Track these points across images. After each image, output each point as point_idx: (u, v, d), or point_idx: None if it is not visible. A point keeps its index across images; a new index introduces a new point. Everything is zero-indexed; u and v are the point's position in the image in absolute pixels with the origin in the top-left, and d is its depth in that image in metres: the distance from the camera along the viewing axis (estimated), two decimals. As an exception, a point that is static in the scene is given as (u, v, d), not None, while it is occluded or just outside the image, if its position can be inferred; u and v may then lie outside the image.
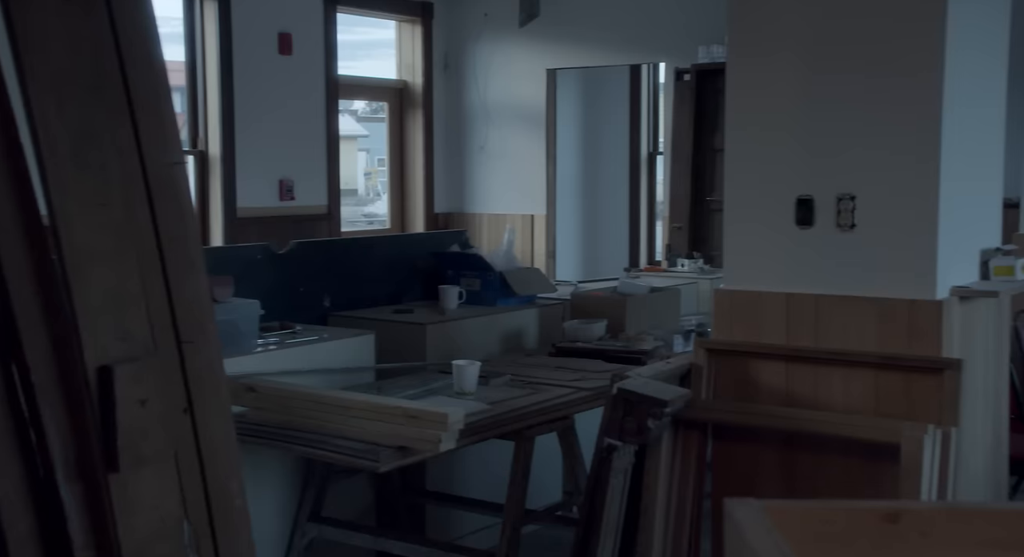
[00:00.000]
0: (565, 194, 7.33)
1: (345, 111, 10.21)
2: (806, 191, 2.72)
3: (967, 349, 2.65)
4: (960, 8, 2.55)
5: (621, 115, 7.77)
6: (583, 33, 6.57)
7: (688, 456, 2.76)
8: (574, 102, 7.55)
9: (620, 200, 7.87)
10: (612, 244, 7.83)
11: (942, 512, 1.11)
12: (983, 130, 2.80)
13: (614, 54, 6.66)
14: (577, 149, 7.65)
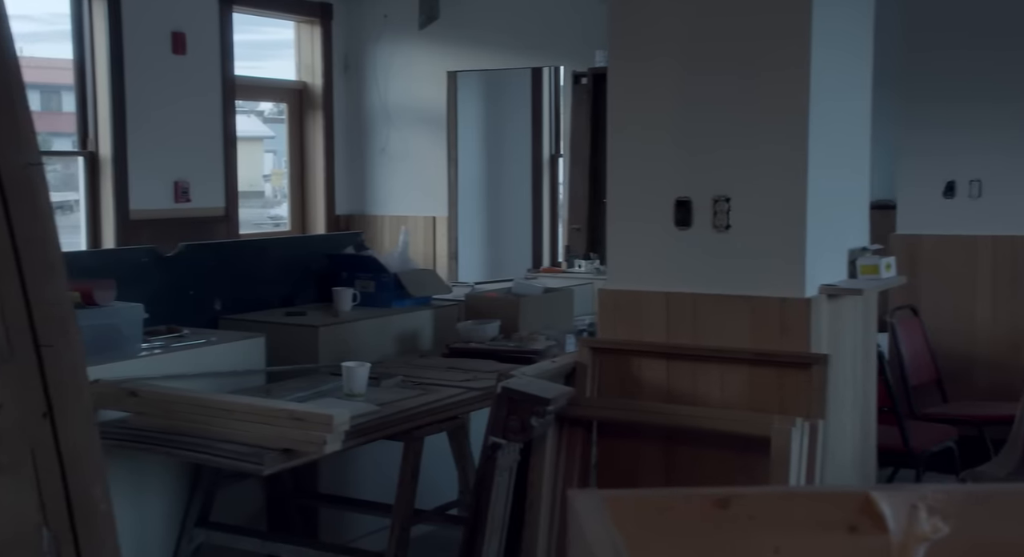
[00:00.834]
0: (468, 196, 7.36)
1: (251, 112, 10.07)
2: (685, 193, 2.81)
3: (836, 344, 2.77)
4: (825, 10, 2.66)
5: (523, 117, 7.84)
6: (483, 36, 6.62)
7: (572, 453, 2.82)
8: (476, 104, 7.59)
9: (523, 202, 7.93)
10: (515, 245, 7.89)
11: (770, 496, 1.18)
12: (850, 134, 2.93)
13: (514, 57, 6.72)
14: (480, 151, 7.69)
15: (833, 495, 1.18)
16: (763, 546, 1.17)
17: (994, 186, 4.58)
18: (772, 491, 1.16)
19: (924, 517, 1.16)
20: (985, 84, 4.54)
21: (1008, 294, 4.53)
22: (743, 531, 1.17)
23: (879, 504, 1.17)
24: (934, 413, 4.26)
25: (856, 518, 1.17)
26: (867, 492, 1.17)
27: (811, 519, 1.17)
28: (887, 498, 1.17)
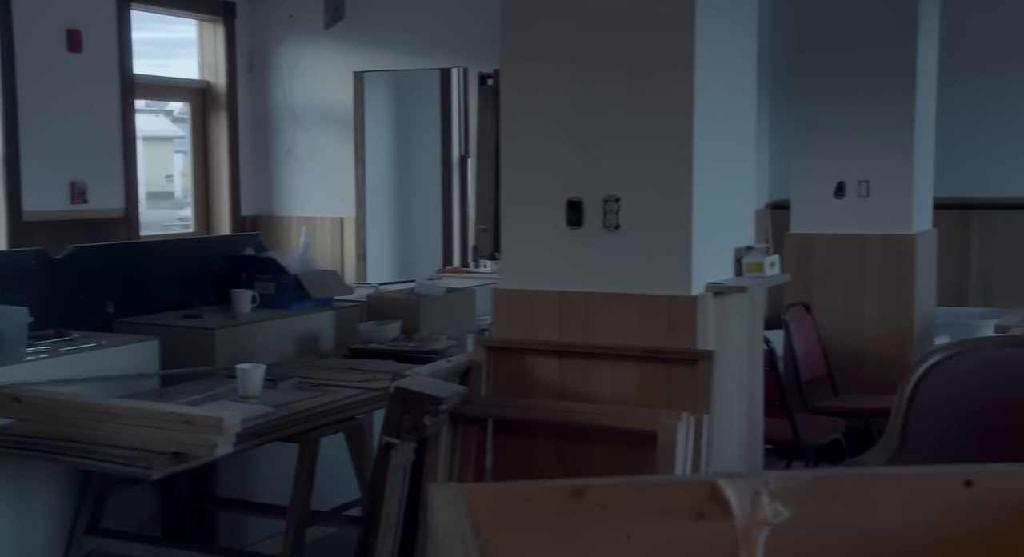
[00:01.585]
0: (377, 197, 7.34)
1: (160, 111, 9.85)
2: (576, 192, 2.85)
3: (722, 340, 2.85)
4: (709, 12, 2.72)
5: (432, 118, 7.84)
6: (389, 36, 6.61)
7: (467, 451, 2.85)
8: (384, 105, 7.57)
9: (433, 202, 7.94)
10: (426, 246, 7.90)
11: (622, 486, 1.22)
12: (735, 134, 3.01)
13: (421, 58, 6.73)
14: (388, 152, 7.67)
15: (682, 484, 1.23)
16: (616, 534, 1.22)
17: (881, 186, 4.75)
18: (624, 481, 1.20)
19: (766, 502, 1.22)
20: (871, 85, 4.70)
21: (894, 292, 4.71)
22: (597, 520, 1.21)
23: (725, 491, 1.22)
24: (825, 406, 4.40)
25: (704, 505, 1.22)
26: (714, 480, 1.23)
27: (661, 507, 1.22)
28: (732, 485, 1.22)
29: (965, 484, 1.20)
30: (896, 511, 1.21)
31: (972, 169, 6.25)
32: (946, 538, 1.21)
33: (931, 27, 4.88)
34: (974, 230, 6.36)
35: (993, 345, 3.11)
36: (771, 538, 1.21)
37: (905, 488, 1.22)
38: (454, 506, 1.11)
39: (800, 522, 1.22)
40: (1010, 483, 1.21)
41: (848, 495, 1.23)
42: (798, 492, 1.22)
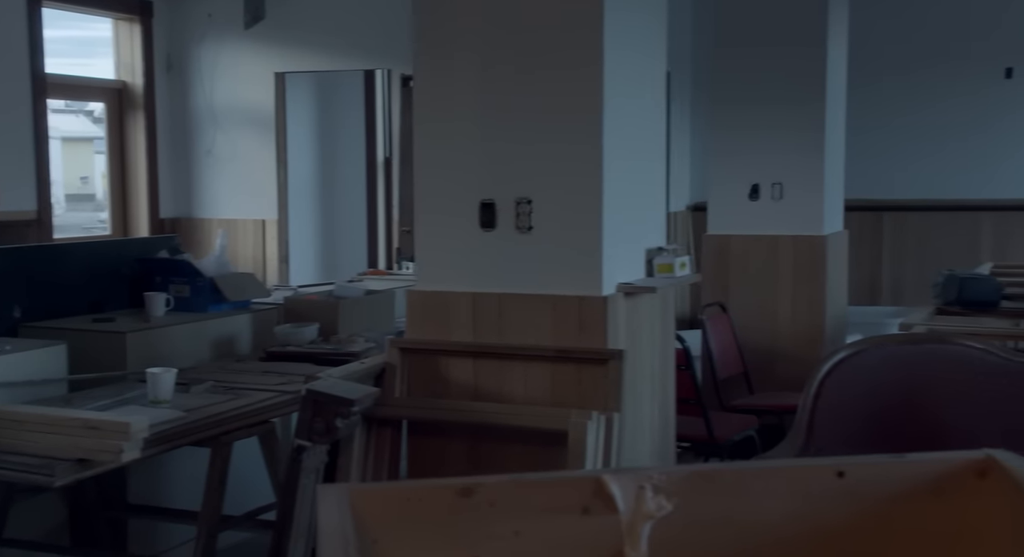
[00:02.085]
0: (301, 198, 7.27)
1: (80, 111, 9.62)
2: (489, 194, 2.87)
3: (634, 340, 2.90)
4: (617, 13, 2.76)
5: (357, 120, 7.80)
6: (311, 37, 6.56)
7: (381, 453, 2.85)
8: (308, 106, 7.51)
9: (358, 204, 7.90)
10: (351, 248, 7.85)
11: (510, 483, 1.24)
12: (645, 135, 3.06)
13: (344, 59, 6.69)
14: (312, 153, 7.61)
15: (568, 480, 1.25)
16: (504, 531, 1.24)
17: (794, 188, 4.86)
18: (511, 479, 1.22)
19: (650, 497, 1.25)
20: (784, 88, 4.81)
21: (807, 291, 4.83)
22: (485, 517, 1.23)
23: (610, 486, 1.25)
24: (740, 404, 4.49)
25: (589, 500, 1.25)
26: (599, 476, 1.25)
27: (549, 503, 1.24)
28: (617, 481, 1.25)
29: (838, 475, 1.25)
30: (773, 502, 1.26)
31: (882, 171, 6.44)
32: (821, 527, 1.25)
33: (840, 31, 5.01)
34: (885, 231, 6.55)
35: (895, 342, 3.21)
36: (655, 531, 1.24)
37: (781, 480, 1.27)
38: (339, 506, 1.12)
39: (683, 515, 1.25)
40: (879, 474, 1.26)
41: (728, 488, 1.27)
42: (680, 486, 1.25)
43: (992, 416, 2.78)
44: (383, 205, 7.84)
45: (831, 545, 1.25)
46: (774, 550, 1.25)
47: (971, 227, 6.32)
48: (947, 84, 6.33)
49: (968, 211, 6.28)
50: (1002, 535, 1.20)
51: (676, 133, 7.04)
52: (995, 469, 1.23)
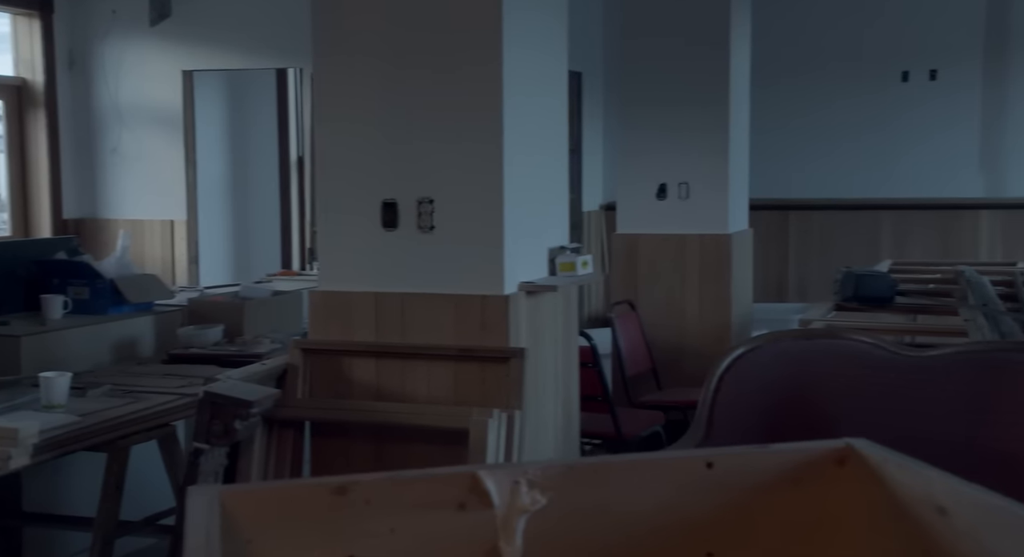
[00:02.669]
0: (212, 198, 7.15)
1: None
2: (391, 194, 2.87)
3: (536, 338, 2.93)
4: (516, 12, 2.78)
5: (270, 119, 7.70)
6: (220, 35, 6.46)
7: (283, 455, 2.83)
8: (218, 105, 7.39)
9: (271, 204, 7.80)
10: (265, 248, 7.75)
11: (385, 480, 1.25)
12: (547, 134, 3.09)
13: (255, 57, 6.61)
14: (223, 153, 7.49)
15: (444, 477, 1.26)
16: (380, 528, 1.24)
17: (700, 188, 4.95)
18: (387, 476, 1.23)
19: (525, 491, 1.27)
20: (689, 89, 4.90)
21: (713, 289, 4.93)
22: (360, 515, 1.23)
23: (485, 482, 1.26)
24: (648, 400, 4.56)
25: (465, 496, 1.26)
26: (474, 472, 1.27)
27: (424, 499, 1.25)
28: (492, 476, 1.27)
29: (707, 466, 1.28)
30: (645, 493, 1.29)
31: (787, 171, 6.61)
32: (691, 516, 1.29)
33: (743, 33, 5.12)
34: (791, 230, 6.72)
35: (791, 338, 3.29)
36: (530, 525, 1.26)
37: (653, 472, 1.30)
38: (208, 508, 1.11)
39: (558, 508, 1.27)
40: (746, 463, 1.30)
41: (601, 481, 1.29)
42: (555, 480, 1.27)
43: (880, 409, 2.87)
44: (296, 205, 7.76)
45: (700, 532, 1.28)
46: (645, 539, 1.28)
47: (872, 225, 6.52)
48: (847, 86, 6.51)
49: (869, 210, 6.48)
50: (859, 519, 1.25)
51: (589, 133, 7.13)
52: (853, 457, 1.28)
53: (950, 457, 2.38)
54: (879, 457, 1.25)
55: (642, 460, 1.35)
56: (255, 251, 7.76)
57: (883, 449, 1.26)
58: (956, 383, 2.78)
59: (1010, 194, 6.23)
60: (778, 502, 1.29)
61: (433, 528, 1.25)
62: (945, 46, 6.30)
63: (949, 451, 2.37)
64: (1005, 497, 1.07)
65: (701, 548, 1.29)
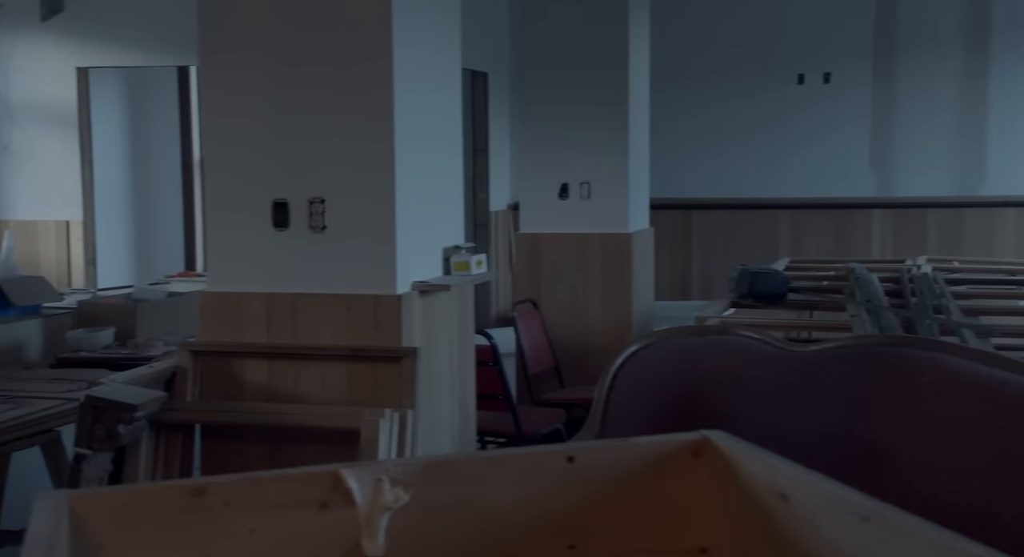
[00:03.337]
0: (110, 199, 6.98)
1: None
2: (281, 193, 2.85)
3: (430, 337, 2.93)
4: (406, 11, 2.78)
5: (171, 117, 7.56)
6: (117, 32, 6.30)
7: (171, 459, 2.78)
8: (116, 103, 7.22)
9: (174, 204, 7.66)
10: (168, 249, 7.61)
11: (244, 481, 1.24)
12: (441, 134, 3.09)
13: (155, 55, 6.46)
14: (123, 152, 7.32)
15: (305, 476, 1.25)
16: (239, 529, 1.23)
17: (601, 187, 5.02)
18: (245, 477, 1.22)
19: (387, 488, 1.27)
20: (590, 89, 4.96)
21: (615, 288, 4.99)
22: (219, 517, 1.22)
23: (347, 480, 1.26)
24: (550, 398, 4.60)
25: (327, 495, 1.26)
26: (336, 470, 1.27)
27: (284, 500, 1.25)
28: (354, 474, 1.27)
29: (568, 460, 1.30)
30: (509, 488, 1.30)
31: (690, 171, 6.73)
32: (553, 510, 1.31)
33: (642, 34, 5.19)
34: (694, 229, 6.85)
35: (683, 335, 3.34)
36: (393, 522, 1.27)
37: (517, 467, 1.31)
38: (55, 514, 1.09)
39: (421, 505, 1.28)
40: (606, 457, 1.32)
41: (465, 476, 1.30)
42: (418, 477, 1.28)
43: (765, 403, 2.95)
44: (200, 205, 7.63)
45: (562, 525, 1.30)
46: (508, 534, 1.30)
47: (771, 224, 6.68)
48: (747, 88, 6.67)
49: (768, 209, 6.64)
50: (713, 508, 1.29)
51: (496, 133, 7.16)
52: (709, 449, 1.31)
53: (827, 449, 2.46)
54: (731, 448, 1.28)
55: (504, 456, 1.37)
56: (157, 252, 7.60)
57: (736, 440, 1.30)
58: (835, 377, 2.87)
59: (899, 193, 6.46)
60: (638, 493, 1.32)
61: (294, 528, 1.24)
62: (838, 49, 6.50)
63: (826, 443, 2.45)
64: (842, 484, 1.11)
65: (563, 541, 1.31)
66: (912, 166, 6.41)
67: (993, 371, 2.22)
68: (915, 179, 6.40)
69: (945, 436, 2.17)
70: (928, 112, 6.35)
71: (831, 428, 2.88)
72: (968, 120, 6.32)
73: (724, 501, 1.27)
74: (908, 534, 0.99)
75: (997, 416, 2.08)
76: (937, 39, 6.30)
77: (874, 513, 1.03)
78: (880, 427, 2.72)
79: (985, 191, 6.27)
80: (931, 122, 6.36)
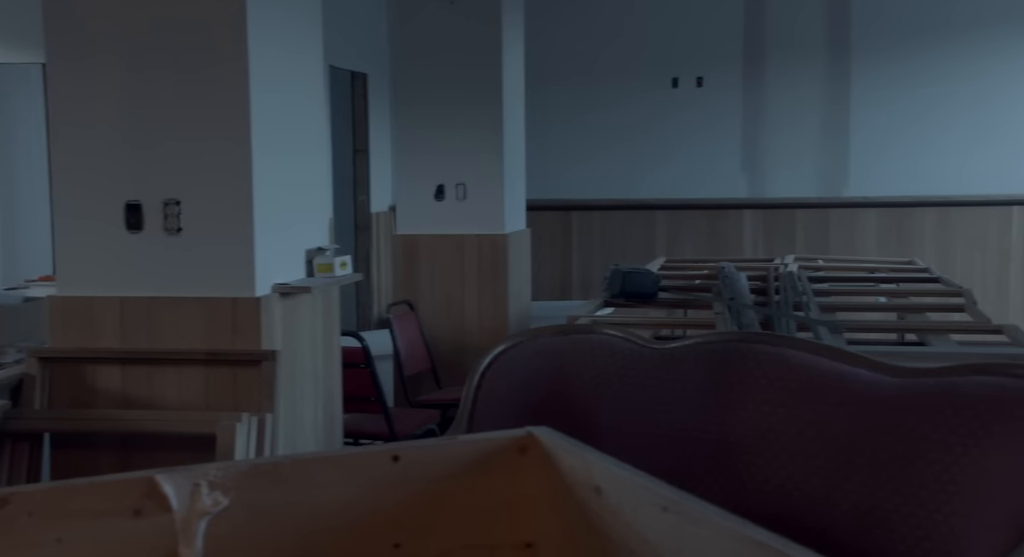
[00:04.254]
0: (-30, 200, 6.67)
1: None
2: (134, 195, 2.77)
3: (293, 340, 2.89)
4: (262, 9, 2.74)
5: (38, 116, 7.27)
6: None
7: (17, 469, 2.68)
8: (-23, 100, 6.90)
9: (42, 207, 7.36)
10: (35, 252, 7.31)
11: (50, 491, 1.20)
12: (303, 136, 3.06)
13: (17, 51, 6.21)
14: (-16, 151, 7.00)
15: (117, 483, 1.22)
16: (45, 539, 1.19)
17: (477, 188, 5.03)
18: (53, 485, 1.18)
19: (206, 493, 1.25)
20: (464, 90, 4.97)
21: (491, 289, 5.02)
22: (24, 528, 1.18)
23: (162, 486, 1.24)
24: (426, 399, 4.60)
25: (141, 502, 1.23)
26: (151, 476, 1.24)
27: (94, 508, 1.21)
28: (170, 480, 1.24)
29: (393, 460, 1.30)
30: (333, 489, 1.29)
31: (570, 172, 6.82)
32: (379, 509, 1.31)
33: (515, 36, 5.22)
34: (574, 229, 6.94)
35: (549, 334, 3.39)
36: (211, 527, 1.25)
37: (339, 468, 1.31)
38: None
39: (242, 509, 1.26)
40: (431, 456, 1.33)
41: (288, 479, 1.29)
42: (238, 480, 1.26)
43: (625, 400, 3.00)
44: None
45: (387, 525, 1.30)
46: (333, 535, 1.29)
47: (648, 224, 6.81)
48: (623, 91, 6.78)
49: (645, 209, 6.77)
50: (536, 503, 1.31)
51: (377, 134, 7.11)
52: (534, 445, 1.33)
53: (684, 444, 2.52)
54: (552, 443, 1.30)
55: (329, 456, 1.36)
56: (23, 255, 7.30)
57: (558, 436, 1.32)
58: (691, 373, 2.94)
59: (769, 194, 6.66)
60: (464, 491, 1.32)
61: (105, 536, 1.21)
62: (710, 54, 6.67)
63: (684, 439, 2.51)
64: (649, 476, 1.14)
65: (389, 540, 1.31)
66: (781, 167, 6.63)
67: (838, 365, 2.31)
68: (784, 180, 6.62)
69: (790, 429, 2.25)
70: (795, 114, 6.57)
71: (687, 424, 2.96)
72: (832, 122, 6.57)
73: (547, 496, 1.29)
74: (702, 522, 1.02)
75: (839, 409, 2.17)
76: (803, 43, 6.53)
77: (672, 503, 1.05)
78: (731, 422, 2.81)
79: (848, 192, 6.53)
80: (798, 124, 6.59)
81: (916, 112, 6.41)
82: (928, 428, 2.01)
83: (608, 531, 1.17)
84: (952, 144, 6.39)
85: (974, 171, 6.37)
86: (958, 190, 6.38)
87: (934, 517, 1.92)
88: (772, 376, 2.42)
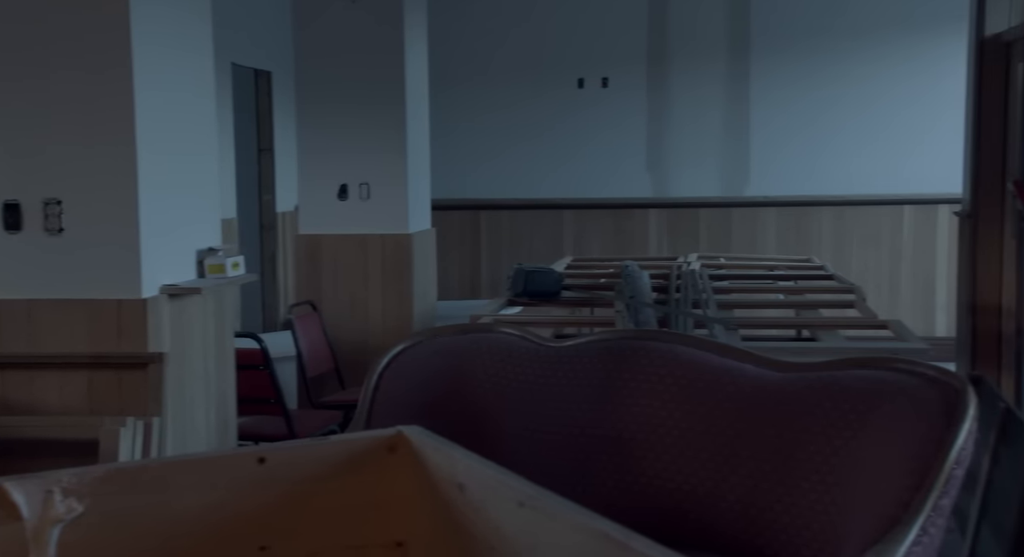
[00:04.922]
0: None
1: None
2: (13, 195, 2.68)
3: (183, 342, 2.83)
4: (147, 8, 2.68)
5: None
6: None
7: None
8: None
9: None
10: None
11: None
12: (194, 136, 3.00)
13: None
14: None
15: (-37, 490, 1.18)
16: None
17: (380, 188, 5.00)
18: None
19: (59, 500, 1.21)
20: (367, 90, 4.93)
21: (396, 288, 4.98)
22: None
23: (12, 494, 1.19)
24: (329, 400, 4.54)
25: (-12, 510, 1.19)
26: (0, 485, 1.19)
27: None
28: (21, 487, 1.20)
29: (259, 462, 1.28)
30: (195, 493, 1.26)
31: (478, 172, 6.82)
32: (244, 512, 1.28)
33: (418, 35, 5.20)
34: (483, 229, 6.94)
35: (448, 333, 3.38)
36: (65, 534, 1.21)
37: (204, 471, 1.28)
38: None
39: (98, 515, 1.22)
40: (298, 457, 1.31)
41: (148, 483, 1.26)
42: (94, 487, 1.22)
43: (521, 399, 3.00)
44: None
45: (253, 527, 1.28)
46: (196, 538, 1.26)
47: (556, 223, 6.86)
48: (530, 90, 6.81)
49: (553, 209, 6.81)
50: (404, 501, 1.30)
51: (281, 133, 7.00)
52: (403, 444, 1.32)
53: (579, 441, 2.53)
54: (420, 442, 1.30)
55: (192, 459, 1.33)
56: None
57: (426, 434, 1.31)
58: (585, 371, 2.95)
59: (673, 194, 6.76)
60: (333, 491, 1.31)
61: (-51, 547, 1.16)
62: (615, 54, 6.74)
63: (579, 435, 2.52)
64: (514, 474, 1.14)
65: (255, 542, 1.29)
66: (684, 167, 6.73)
67: (726, 361, 2.34)
68: (687, 180, 6.73)
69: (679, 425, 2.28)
70: (697, 114, 6.69)
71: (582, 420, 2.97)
72: (733, 122, 6.70)
73: (416, 494, 1.28)
74: (555, 516, 1.02)
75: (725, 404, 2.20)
76: (704, 43, 6.65)
77: (529, 498, 1.06)
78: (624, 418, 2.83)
79: (749, 191, 6.67)
80: (700, 124, 6.70)
81: (811, 113, 6.58)
82: (809, 421, 2.05)
83: (471, 528, 1.17)
84: (844, 145, 6.58)
85: (863, 172, 6.57)
86: (851, 190, 6.57)
87: (814, 507, 1.96)
88: (663, 373, 2.45)
